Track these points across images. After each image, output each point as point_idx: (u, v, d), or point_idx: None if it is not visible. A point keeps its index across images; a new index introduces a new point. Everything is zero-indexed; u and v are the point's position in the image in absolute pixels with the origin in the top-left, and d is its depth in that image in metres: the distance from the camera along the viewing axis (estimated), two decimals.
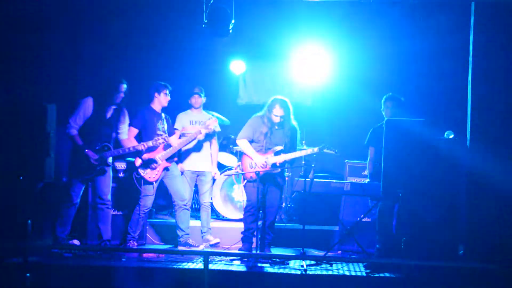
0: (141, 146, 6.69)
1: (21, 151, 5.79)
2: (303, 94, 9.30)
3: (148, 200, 6.95)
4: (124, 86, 6.67)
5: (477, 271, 5.61)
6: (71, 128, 6.53)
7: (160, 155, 6.91)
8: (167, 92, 7.07)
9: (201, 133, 7.12)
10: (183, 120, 7.40)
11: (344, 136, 8.48)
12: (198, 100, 7.49)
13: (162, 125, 7.06)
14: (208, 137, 7.35)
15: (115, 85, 6.64)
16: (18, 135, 5.80)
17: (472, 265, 5.78)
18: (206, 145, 7.40)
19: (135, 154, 6.92)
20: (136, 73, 8.73)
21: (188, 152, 7.38)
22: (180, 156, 7.33)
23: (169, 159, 6.99)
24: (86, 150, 6.52)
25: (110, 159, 6.72)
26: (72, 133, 6.54)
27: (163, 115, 7.12)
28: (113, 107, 6.68)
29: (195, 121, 7.52)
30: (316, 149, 6.63)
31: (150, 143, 6.68)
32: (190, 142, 7.17)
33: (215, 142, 7.51)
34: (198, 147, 7.37)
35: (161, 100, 7.05)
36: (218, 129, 7.41)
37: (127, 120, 6.83)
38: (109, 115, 6.66)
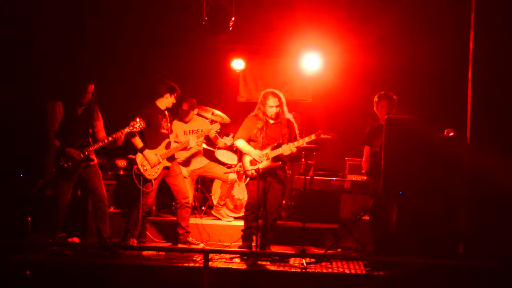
0: (119, 134, 6.63)
1: (22, 148, 5.80)
2: (304, 91, 9.28)
3: (148, 198, 6.93)
4: (91, 86, 6.67)
5: (477, 269, 5.61)
6: None
7: (161, 154, 6.90)
8: (176, 95, 7.05)
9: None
10: (177, 129, 7.40)
11: (344, 133, 8.46)
12: (182, 114, 7.51)
13: (167, 123, 7.05)
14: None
15: (82, 86, 6.64)
16: (18, 133, 5.81)
17: (472, 263, 5.79)
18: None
19: (136, 150, 6.91)
20: (136, 71, 8.75)
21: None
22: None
23: (170, 158, 6.98)
24: (67, 149, 6.53)
25: (93, 155, 6.71)
26: None
27: (166, 112, 7.09)
28: (83, 107, 6.69)
29: (189, 130, 7.53)
30: (312, 136, 6.59)
31: (126, 129, 6.64)
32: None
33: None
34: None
35: (168, 102, 7.02)
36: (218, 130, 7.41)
37: (100, 117, 6.83)
38: (80, 113, 6.66)
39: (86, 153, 6.60)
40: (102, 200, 6.72)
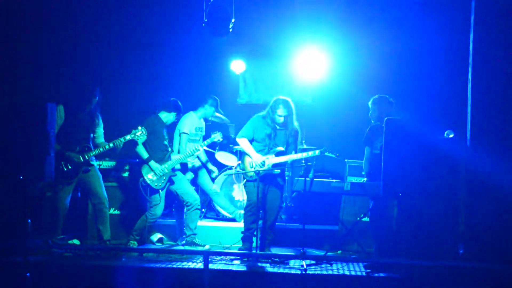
0: (120, 140, 6.64)
1: (21, 150, 5.79)
2: (304, 93, 9.30)
3: (157, 209, 6.96)
4: (96, 99, 6.69)
5: (477, 270, 5.61)
6: None
7: (165, 164, 6.93)
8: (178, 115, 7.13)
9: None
10: (190, 125, 7.41)
11: (344, 135, 8.48)
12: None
13: (168, 136, 7.11)
14: None
15: (88, 97, 6.67)
16: (18, 134, 5.80)
17: (472, 265, 5.78)
18: None
19: (142, 161, 6.91)
20: (135, 72, 8.75)
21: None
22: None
23: (174, 169, 7.02)
24: (67, 153, 6.54)
25: (93, 160, 6.73)
26: None
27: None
28: (85, 112, 6.70)
29: (198, 127, 7.56)
30: (317, 152, 6.63)
31: (128, 137, 6.65)
32: (190, 156, 7.18)
33: None
34: None
35: (171, 119, 7.08)
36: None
37: (101, 123, 6.84)
38: (81, 118, 6.67)
39: (87, 158, 6.61)
40: (102, 202, 6.72)
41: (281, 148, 6.68)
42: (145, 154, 6.86)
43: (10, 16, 7.78)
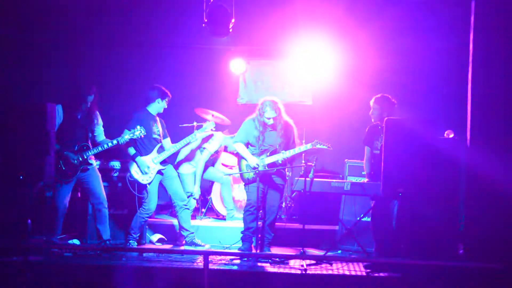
0: (116, 141, 6.68)
1: (21, 150, 5.80)
2: (304, 93, 9.29)
3: (150, 203, 6.96)
4: (91, 97, 6.67)
5: (476, 270, 5.61)
6: None
7: (153, 158, 6.93)
8: (167, 100, 7.05)
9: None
10: (216, 145, 7.86)
11: (344, 135, 8.48)
12: None
13: (157, 129, 7.05)
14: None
15: (84, 95, 6.65)
16: (18, 134, 5.81)
17: (472, 265, 5.78)
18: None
19: (129, 157, 6.94)
20: (135, 72, 8.76)
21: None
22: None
23: (163, 163, 7.01)
24: (65, 152, 6.54)
25: (92, 159, 6.73)
26: None
27: (157, 118, 7.10)
28: (83, 111, 6.70)
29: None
30: (308, 145, 6.64)
31: (127, 136, 6.68)
32: (184, 146, 7.19)
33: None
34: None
35: (159, 107, 7.03)
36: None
37: (100, 121, 6.84)
38: (79, 117, 6.68)
39: (85, 157, 6.61)
40: (101, 202, 6.72)
41: (274, 147, 6.66)
42: (132, 151, 6.88)
43: (8, 16, 7.80)
